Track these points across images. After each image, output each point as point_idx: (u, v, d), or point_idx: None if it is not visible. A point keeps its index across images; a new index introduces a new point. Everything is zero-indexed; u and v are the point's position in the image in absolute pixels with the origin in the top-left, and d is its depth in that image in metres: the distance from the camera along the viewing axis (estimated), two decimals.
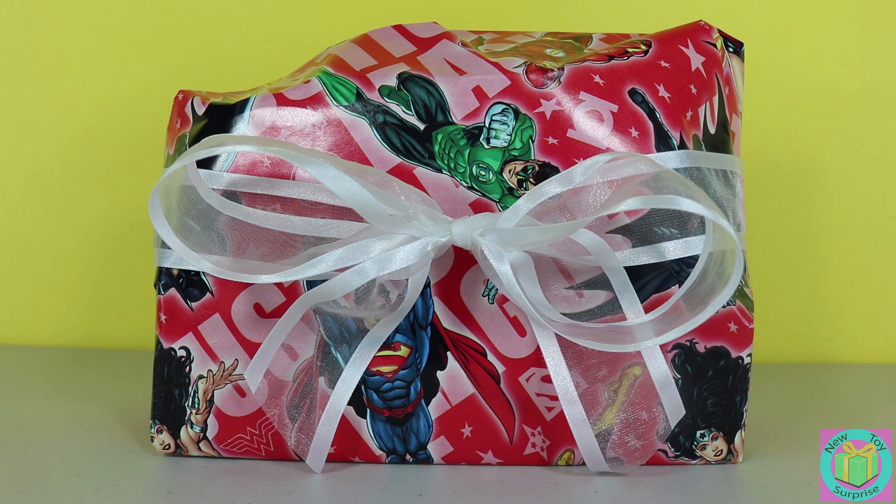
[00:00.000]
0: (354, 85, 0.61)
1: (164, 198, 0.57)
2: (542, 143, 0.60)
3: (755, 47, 0.79)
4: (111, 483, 0.59)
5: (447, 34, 0.64)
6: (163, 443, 0.62)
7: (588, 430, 0.59)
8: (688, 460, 0.62)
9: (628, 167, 0.58)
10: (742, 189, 0.62)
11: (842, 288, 0.91)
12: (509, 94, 0.60)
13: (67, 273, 0.92)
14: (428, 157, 0.60)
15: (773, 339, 0.90)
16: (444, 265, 0.60)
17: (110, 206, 0.91)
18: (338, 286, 0.56)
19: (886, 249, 0.91)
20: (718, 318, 0.61)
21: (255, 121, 0.60)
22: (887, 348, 0.92)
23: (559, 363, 0.59)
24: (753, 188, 0.84)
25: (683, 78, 0.62)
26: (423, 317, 0.60)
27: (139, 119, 0.90)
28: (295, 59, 0.73)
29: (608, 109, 0.60)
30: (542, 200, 0.57)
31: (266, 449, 0.62)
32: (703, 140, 0.61)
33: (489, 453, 0.62)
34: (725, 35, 0.64)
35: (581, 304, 0.60)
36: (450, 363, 0.61)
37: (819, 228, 0.91)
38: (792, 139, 0.90)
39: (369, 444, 0.62)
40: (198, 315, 0.61)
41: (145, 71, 0.90)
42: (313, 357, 0.60)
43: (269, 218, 0.59)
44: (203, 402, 0.61)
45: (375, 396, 0.61)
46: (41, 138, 0.91)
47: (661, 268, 0.60)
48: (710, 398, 0.61)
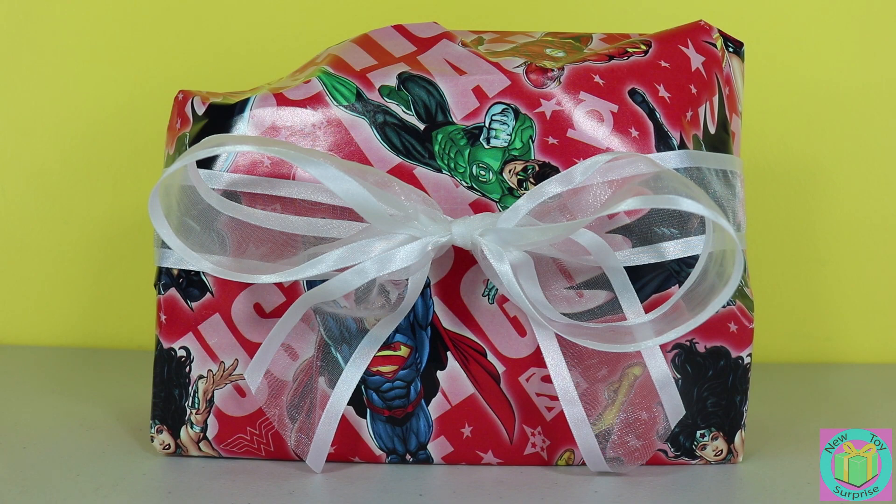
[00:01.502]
0: (354, 85, 0.61)
1: (164, 198, 0.57)
2: (542, 143, 0.60)
3: (755, 47, 0.79)
4: (111, 483, 0.59)
5: (447, 34, 0.64)
6: (163, 443, 0.62)
7: (588, 430, 0.59)
8: (688, 460, 0.62)
9: (628, 167, 0.58)
10: (742, 189, 0.62)
11: (842, 288, 0.91)
12: (509, 94, 0.60)
13: (67, 273, 0.92)
14: (428, 157, 0.60)
15: (773, 339, 0.90)
16: (444, 265, 0.60)
17: (110, 206, 0.91)
18: (338, 286, 0.56)
19: (886, 249, 0.91)
20: (718, 318, 0.61)
21: (255, 121, 0.60)
22: (887, 348, 0.92)
23: (559, 363, 0.59)
24: (753, 188, 0.84)
25: (683, 78, 0.62)
26: (423, 317, 0.60)
27: (139, 119, 0.90)
28: (295, 59, 0.73)
29: (608, 109, 0.60)
30: (542, 200, 0.57)
31: (266, 449, 0.62)
32: (703, 140, 0.61)
33: (489, 453, 0.62)
34: (725, 35, 0.64)
35: (581, 304, 0.60)
36: (450, 363, 0.61)
37: (819, 228, 0.91)
38: (792, 139, 0.90)
39: (369, 444, 0.62)
40: (198, 315, 0.61)
41: (145, 71, 0.90)
42: (313, 357, 0.60)
43: (269, 218, 0.59)
44: (203, 402, 0.61)
45: (375, 396, 0.61)
46: (41, 138, 0.91)
47: (661, 268, 0.60)
48: (710, 398, 0.61)
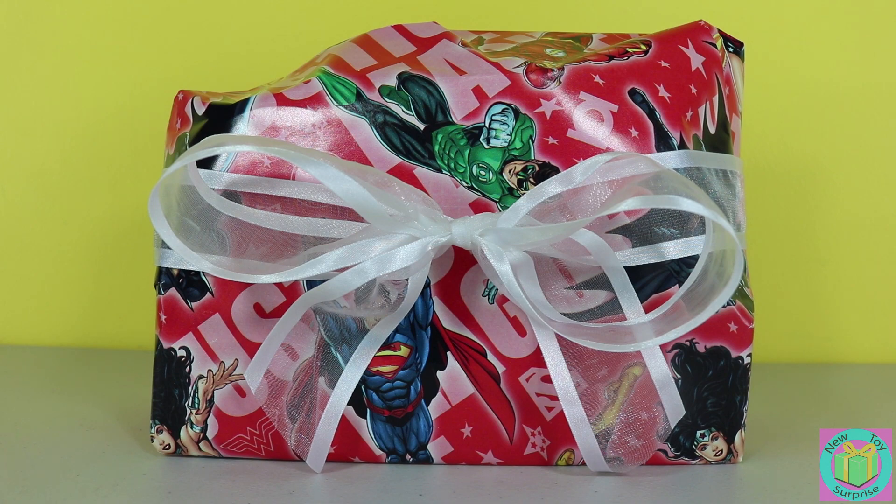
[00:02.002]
0: (354, 85, 0.61)
1: (164, 198, 0.57)
2: (542, 143, 0.60)
3: (755, 47, 0.79)
4: (111, 483, 0.59)
5: (447, 34, 0.64)
6: (163, 443, 0.62)
7: (588, 430, 0.59)
8: (688, 460, 0.62)
9: (628, 167, 0.58)
10: (742, 189, 0.62)
11: (842, 288, 0.91)
12: (509, 94, 0.60)
13: (67, 273, 0.92)
14: (428, 157, 0.60)
15: (773, 339, 0.90)
16: (444, 265, 0.60)
17: (110, 206, 0.91)
18: (338, 286, 0.56)
19: (886, 249, 0.91)
20: (718, 318, 0.61)
21: (255, 121, 0.60)
22: (887, 348, 0.92)
23: (559, 363, 0.59)
24: (753, 188, 0.84)
25: (683, 78, 0.61)
26: (423, 317, 0.60)
27: (139, 119, 0.90)
28: (295, 59, 0.73)
29: (608, 109, 0.60)
30: (542, 200, 0.57)
31: (266, 449, 0.62)
32: (703, 140, 0.61)
33: (489, 453, 0.62)
34: (725, 35, 0.64)
35: (581, 304, 0.60)
36: (450, 363, 0.61)
37: (819, 228, 0.91)
38: (792, 139, 0.90)
39: (369, 444, 0.62)
40: (198, 315, 0.61)
41: (145, 71, 0.90)
42: (313, 357, 0.60)
43: (269, 218, 0.59)
44: (203, 402, 0.61)
45: (375, 396, 0.61)
46: (41, 138, 0.91)
47: (661, 268, 0.60)
48: (710, 398, 0.61)
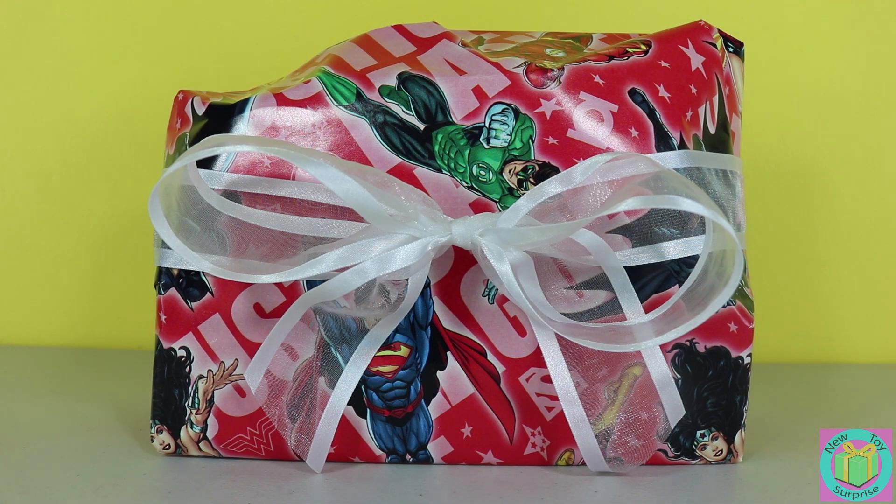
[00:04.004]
0: (354, 85, 0.61)
1: (164, 198, 0.57)
2: (542, 143, 0.60)
3: (755, 47, 0.79)
4: (111, 483, 0.59)
5: (447, 34, 0.64)
6: (163, 443, 0.62)
7: (588, 430, 0.59)
8: (688, 460, 0.62)
9: (628, 167, 0.58)
10: (742, 189, 0.62)
11: (842, 288, 0.91)
12: (509, 94, 0.60)
13: (67, 273, 0.92)
14: (428, 157, 0.60)
15: (773, 339, 0.90)
16: (444, 265, 0.60)
17: (110, 206, 0.91)
18: (338, 286, 0.56)
19: (886, 249, 0.91)
20: (718, 318, 0.61)
21: (255, 121, 0.60)
22: (887, 348, 0.92)
23: (559, 363, 0.59)
24: (753, 188, 0.84)
25: (683, 78, 0.61)
26: (423, 317, 0.60)
27: (139, 119, 0.90)
28: (295, 59, 0.73)
29: (608, 109, 0.60)
30: (542, 200, 0.57)
31: (266, 449, 0.62)
32: (703, 140, 0.61)
33: (489, 453, 0.62)
34: (725, 35, 0.64)
35: (581, 304, 0.60)
36: (450, 363, 0.61)
37: (819, 228, 0.91)
38: (792, 139, 0.90)
39: (369, 444, 0.62)
40: (198, 315, 0.61)
41: (145, 71, 0.90)
42: (313, 357, 0.60)
43: (269, 218, 0.59)
44: (203, 402, 0.61)
45: (375, 396, 0.61)
46: (41, 138, 0.91)
47: (661, 268, 0.60)
48: (710, 398, 0.61)
